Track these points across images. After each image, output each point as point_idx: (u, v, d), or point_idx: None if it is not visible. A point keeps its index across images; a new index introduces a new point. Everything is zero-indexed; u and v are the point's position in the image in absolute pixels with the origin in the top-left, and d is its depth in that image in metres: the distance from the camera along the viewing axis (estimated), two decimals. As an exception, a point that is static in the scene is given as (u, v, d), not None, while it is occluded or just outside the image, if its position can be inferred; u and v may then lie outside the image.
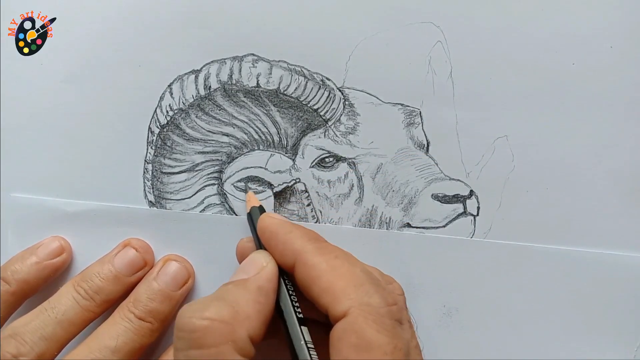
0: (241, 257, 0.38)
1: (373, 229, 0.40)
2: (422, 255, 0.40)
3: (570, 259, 0.39)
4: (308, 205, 0.40)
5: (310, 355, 0.31)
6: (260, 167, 0.40)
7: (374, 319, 0.29)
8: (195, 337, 0.28)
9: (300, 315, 0.33)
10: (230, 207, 0.40)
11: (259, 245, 0.36)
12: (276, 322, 0.33)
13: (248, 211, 0.38)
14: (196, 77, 0.40)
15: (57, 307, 0.37)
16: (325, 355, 0.30)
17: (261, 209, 0.38)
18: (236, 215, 0.40)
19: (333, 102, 0.40)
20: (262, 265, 0.33)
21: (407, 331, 0.31)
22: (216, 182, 0.40)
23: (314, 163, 0.40)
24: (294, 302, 0.33)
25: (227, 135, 0.40)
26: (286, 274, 0.34)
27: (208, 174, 0.40)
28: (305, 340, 0.31)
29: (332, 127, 0.40)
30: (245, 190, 0.40)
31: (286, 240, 0.33)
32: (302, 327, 0.32)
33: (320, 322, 0.33)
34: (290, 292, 0.33)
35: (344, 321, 0.29)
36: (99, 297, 0.38)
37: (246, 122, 0.40)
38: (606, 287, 0.39)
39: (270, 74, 0.40)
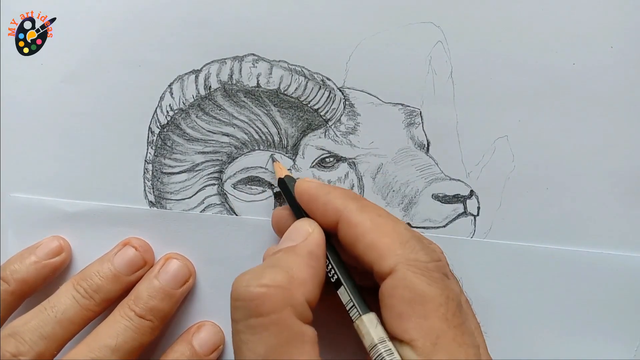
0: (277, 225, 0.38)
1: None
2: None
3: (570, 259, 0.39)
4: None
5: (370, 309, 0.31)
6: (261, 167, 0.40)
7: (423, 273, 0.29)
8: (254, 305, 0.28)
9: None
10: (230, 207, 0.40)
11: (297, 211, 0.36)
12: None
13: (281, 177, 0.38)
14: (196, 77, 0.40)
15: (56, 306, 0.37)
16: None
17: (291, 178, 0.38)
18: (236, 215, 0.40)
19: (333, 102, 0.40)
20: (309, 232, 0.32)
21: (455, 284, 0.31)
22: (216, 182, 0.40)
23: (314, 163, 0.40)
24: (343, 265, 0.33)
25: (227, 135, 0.40)
26: (329, 237, 0.34)
27: (208, 174, 0.40)
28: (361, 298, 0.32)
29: (332, 127, 0.40)
30: (273, 160, 0.40)
31: (327, 201, 0.33)
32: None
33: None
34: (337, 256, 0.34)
35: (393, 277, 0.29)
36: (99, 296, 0.37)
37: (246, 122, 0.40)
38: (606, 287, 0.39)
39: (271, 74, 0.40)
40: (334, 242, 0.34)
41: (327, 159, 0.40)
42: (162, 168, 0.40)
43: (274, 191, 0.40)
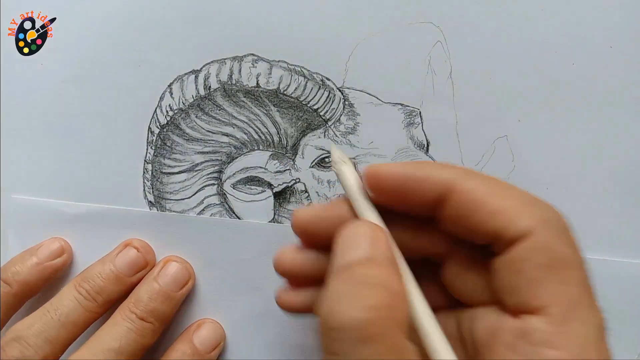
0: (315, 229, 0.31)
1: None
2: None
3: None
4: (308, 205, 0.40)
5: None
6: (260, 167, 0.40)
7: (561, 234, 0.26)
8: (364, 332, 0.24)
9: None
10: (229, 207, 0.40)
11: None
12: None
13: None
14: (196, 77, 0.40)
15: (59, 309, 0.37)
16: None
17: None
18: (236, 215, 0.40)
19: (333, 102, 0.40)
20: (368, 234, 0.27)
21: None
22: (216, 182, 0.40)
23: (313, 163, 0.40)
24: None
25: (226, 135, 0.40)
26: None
27: (208, 174, 0.40)
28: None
29: (332, 127, 0.40)
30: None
31: (428, 175, 0.28)
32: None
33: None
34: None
35: (529, 241, 0.26)
36: (101, 297, 0.37)
37: (246, 122, 0.40)
38: (608, 293, 0.39)
39: (270, 74, 0.40)
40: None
41: (326, 159, 0.40)
42: (162, 168, 0.40)
43: (274, 191, 0.40)
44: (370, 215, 0.29)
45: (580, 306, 0.25)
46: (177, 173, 0.40)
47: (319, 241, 0.30)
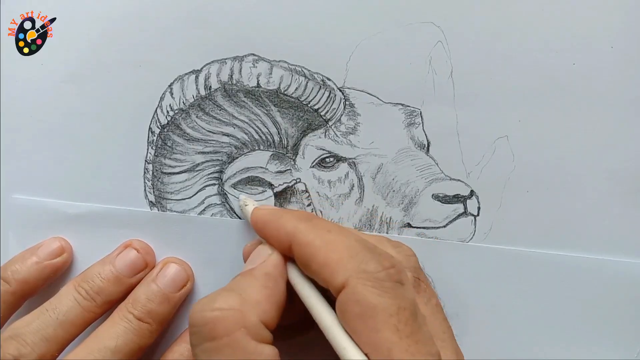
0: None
1: (373, 230, 0.40)
2: (422, 259, 0.39)
3: (571, 265, 0.39)
4: (308, 205, 0.40)
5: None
6: (261, 167, 0.40)
7: (373, 284, 0.28)
8: (207, 329, 0.28)
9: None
10: (230, 207, 0.40)
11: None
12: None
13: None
14: (196, 77, 0.40)
15: (58, 308, 0.37)
16: None
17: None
18: (236, 215, 0.40)
19: (333, 102, 0.40)
20: (268, 253, 0.33)
21: (409, 291, 0.30)
22: (216, 182, 0.40)
23: (314, 163, 0.40)
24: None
25: (227, 135, 0.40)
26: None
27: (208, 174, 0.40)
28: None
29: (332, 127, 0.40)
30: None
31: (278, 226, 0.33)
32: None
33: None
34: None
35: (344, 293, 0.28)
36: (100, 297, 0.37)
37: (246, 122, 0.40)
38: (608, 293, 0.39)
39: (271, 74, 0.40)
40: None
41: (327, 159, 0.40)
42: (163, 168, 0.40)
43: (274, 191, 0.40)
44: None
45: (397, 351, 0.27)
46: (178, 173, 0.40)
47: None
